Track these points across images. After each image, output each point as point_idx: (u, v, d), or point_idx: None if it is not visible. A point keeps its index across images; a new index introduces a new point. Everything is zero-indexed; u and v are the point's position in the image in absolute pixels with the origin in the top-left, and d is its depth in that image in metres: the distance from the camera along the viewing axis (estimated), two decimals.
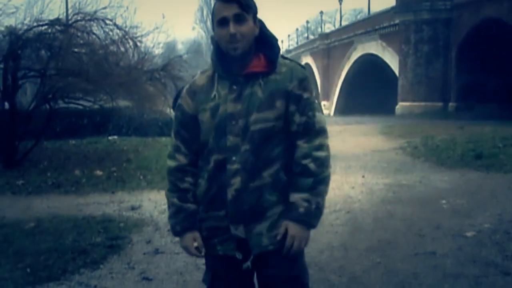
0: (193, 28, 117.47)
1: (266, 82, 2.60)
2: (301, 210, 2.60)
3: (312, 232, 2.76)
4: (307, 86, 2.66)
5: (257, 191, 2.61)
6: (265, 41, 2.66)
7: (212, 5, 2.68)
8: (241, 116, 2.58)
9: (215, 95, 2.62)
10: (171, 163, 2.77)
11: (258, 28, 2.64)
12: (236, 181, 2.59)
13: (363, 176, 10.94)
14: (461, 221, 7.22)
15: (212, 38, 2.72)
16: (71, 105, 15.84)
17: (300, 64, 2.76)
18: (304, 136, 2.63)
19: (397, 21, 38.75)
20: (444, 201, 8.47)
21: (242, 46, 2.57)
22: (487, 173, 11.26)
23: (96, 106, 16.73)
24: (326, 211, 7.59)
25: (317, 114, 2.66)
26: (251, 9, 2.59)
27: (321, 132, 2.66)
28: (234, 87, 2.60)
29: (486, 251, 5.91)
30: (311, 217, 2.65)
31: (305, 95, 2.63)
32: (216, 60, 2.66)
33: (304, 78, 2.66)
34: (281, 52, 2.72)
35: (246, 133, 2.58)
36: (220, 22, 2.57)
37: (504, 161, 12.31)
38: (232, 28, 2.52)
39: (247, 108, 2.58)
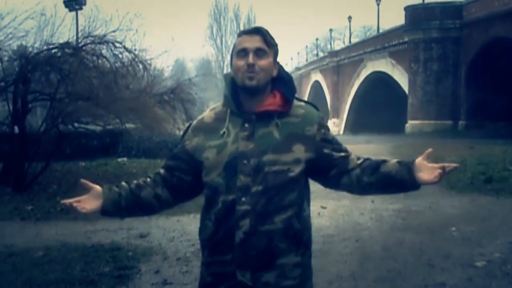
0: (203, 46, 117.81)
1: (283, 124, 2.51)
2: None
3: (321, 262, 2.60)
4: (326, 125, 2.66)
5: (267, 236, 2.46)
6: (281, 79, 2.59)
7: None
8: (253, 156, 2.47)
9: (224, 132, 2.53)
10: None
11: (277, 69, 2.58)
12: (245, 223, 2.44)
13: (372, 201, 10.87)
14: (471, 250, 7.17)
15: (226, 76, 2.66)
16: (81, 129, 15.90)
17: (314, 106, 2.70)
18: (348, 159, 2.61)
19: (406, 39, 38.88)
20: (454, 228, 8.41)
21: (258, 78, 2.48)
22: (497, 198, 11.22)
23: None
24: (335, 239, 7.66)
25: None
26: (273, 47, 2.55)
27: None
28: (247, 125, 2.51)
29: (496, 282, 5.85)
30: None
31: (330, 136, 2.62)
32: (229, 96, 2.57)
33: (322, 119, 2.63)
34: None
35: (258, 173, 2.46)
36: (239, 52, 2.51)
37: None
38: (251, 58, 2.46)
39: (260, 148, 2.47)
